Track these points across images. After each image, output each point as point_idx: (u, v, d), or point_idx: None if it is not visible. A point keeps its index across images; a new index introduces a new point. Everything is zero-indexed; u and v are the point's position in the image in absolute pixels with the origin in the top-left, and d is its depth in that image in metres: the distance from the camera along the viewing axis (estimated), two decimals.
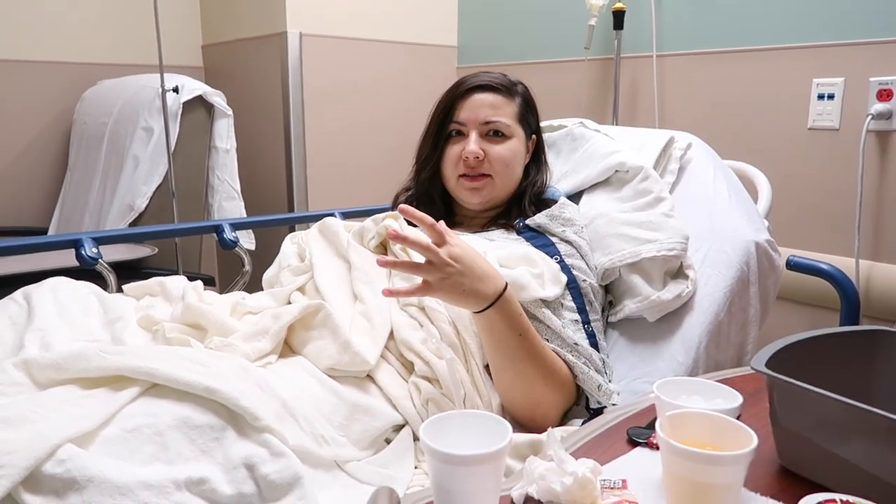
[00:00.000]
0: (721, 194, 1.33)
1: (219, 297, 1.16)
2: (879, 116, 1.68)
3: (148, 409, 0.77)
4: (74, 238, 1.39)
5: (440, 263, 0.90)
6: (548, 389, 1.01)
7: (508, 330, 0.97)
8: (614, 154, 1.34)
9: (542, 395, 1.01)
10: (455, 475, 0.62)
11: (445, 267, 0.90)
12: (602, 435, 0.84)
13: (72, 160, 2.51)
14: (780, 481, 0.72)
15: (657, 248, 1.17)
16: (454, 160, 1.25)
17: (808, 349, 0.79)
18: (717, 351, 1.18)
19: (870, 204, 1.74)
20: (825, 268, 1.47)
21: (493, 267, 0.98)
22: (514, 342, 0.98)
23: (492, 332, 0.97)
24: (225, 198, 2.31)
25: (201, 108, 2.25)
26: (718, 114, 2.01)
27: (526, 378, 0.99)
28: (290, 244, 1.27)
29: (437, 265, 0.90)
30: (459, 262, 0.91)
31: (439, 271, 0.90)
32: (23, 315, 1.04)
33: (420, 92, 2.64)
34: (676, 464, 0.62)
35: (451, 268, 0.90)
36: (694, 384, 0.78)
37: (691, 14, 2.04)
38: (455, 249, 0.92)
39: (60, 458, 0.68)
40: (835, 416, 0.67)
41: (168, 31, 2.10)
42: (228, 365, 0.85)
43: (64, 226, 2.45)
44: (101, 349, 0.84)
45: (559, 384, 1.03)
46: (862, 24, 1.71)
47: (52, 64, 2.49)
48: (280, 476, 0.74)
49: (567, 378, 1.05)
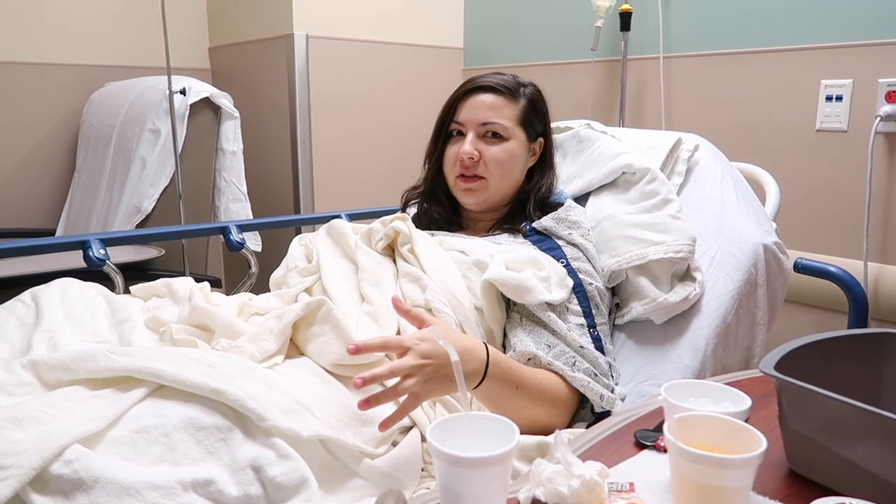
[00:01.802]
0: (729, 196, 1.33)
1: (226, 298, 1.16)
2: (888, 118, 1.67)
3: (155, 409, 0.77)
4: (82, 239, 1.39)
5: (414, 370, 0.85)
6: (552, 414, 1.01)
7: (506, 388, 0.96)
8: (621, 156, 1.34)
9: (547, 420, 1.01)
10: (462, 477, 0.61)
11: (421, 370, 0.85)
12: (609, 437, 0.83)
13: (79, 162, 2.52)
14: (789, 485, 0.71)
15: (664, 251, 1.16)
16: (452, 160, 1.26)
17: (817, 352, 0.79)
18: (725, 353, 1.17)
19: (878, 206, 1.73)
20: (833, 270, 1.46)
21: (467, 338, 0.95)
22: (513, 395, 0.97)
23: (490, 397, 0.96)
24: (231, 199, 2.32)
25: (208, 110, 2.26)
26: (726, 115, 2.00)
27: (527, 414, 0.99)
28: (298, 246, 1.27)
29: (412, 374, 0.85)
30: (432, 356, 0.86)
31: (417, 376, 0.85)
32: (31, 316, 1.04)
33: (426, 94, 2.65)
34: (685, 467, 0.62)
35: (428, 367, 0.86)
36: (702, 387, 0.77)
37: (698, 15, 2.04)
38: (422, 346, 0.86)
39: (68, 458, 0.68)
40: (844, 419, 0.66)
41: (175, 33, 2.11)
42: (235, 366, 0.85)
43: (71, 227, 2.46)
44: (109, 350, 0.84)
45: (562, 406, 1.03)
46: (870, 26, 1.70)
47: (59, 66, 2.51)
48: (287, 478, 0.74)
49: (569, 398, 1.04)
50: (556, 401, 1.02)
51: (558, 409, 1.02)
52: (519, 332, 1.08)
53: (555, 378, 1.03)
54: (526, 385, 0.98)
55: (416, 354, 0.86)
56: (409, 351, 0.86)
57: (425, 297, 1.06)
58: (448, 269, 1.11)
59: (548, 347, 1.05)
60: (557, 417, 1.02)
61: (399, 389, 0.85)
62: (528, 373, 1.00)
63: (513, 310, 1.12)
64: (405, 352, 0.86)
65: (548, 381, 1.02)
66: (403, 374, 0.85)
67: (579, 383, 1.02)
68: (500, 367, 0.95)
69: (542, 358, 1.02)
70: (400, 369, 0.84)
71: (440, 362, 0.86)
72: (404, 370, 0.85)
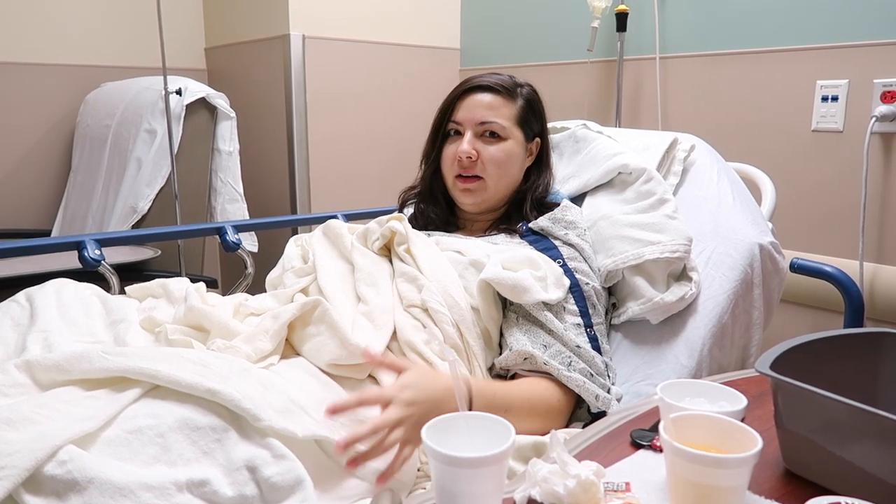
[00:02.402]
0: (725, 196, 1.33)
1: (221, 298, 1.16)
2: (884, 118, 1.67)
3: (150, 410, 0.77)
4: (77, 240, 1.39)
5: (400, 420, 0.84)
6: (546, 423, 1.01)
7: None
8: (617, 156, 1.34)
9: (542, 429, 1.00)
10: (458, 477, 0.61)
11: (407, 419, 0.84)
12: (605, 437, 0.83)
13: (75, 162, 2.51)
14: (785, 484, 0.71)
15: (660, 250, 1.16)
16: (450, 160, 1.26)
17: (813, 351, 0.79)
18: (721, 353, 1.17)
19: (874, 206, 1.73)
20: (829, 270, 1.47)
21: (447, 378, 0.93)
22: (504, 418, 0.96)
23: None
24: (228, 200, 2.31)
25: (204, 111, 2.26)
26: (722, 116, 2.01)
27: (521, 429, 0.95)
28: (294, 246, 1.27)
29: (399, 424, 0.84)
30: (415, 403, 0.85)
31: (405, 426, 0.84)
32: (25, 316, 1.04)
33: (423, 94, 2.65)
34: (680, 466, 0.62)
35: (412, 415, 0.84)
36: (698, 386, 0.77)
37: (694, 16, 2.04)
38: (406, 394, 0.85)
39: (62, 459, 0.68)
40: (840, 419, 0.66)
41: (171, 33, 2.11)
42: (230, 366, 0.85)
43: (67, 228, 2.46)
44: (104, 350, 0.84)
45: (556, 413, 1.03)
46: (866, 26, 1.70)
47: (55, 66, 2.50)
48: (282, 479, 0.74)
49: (563, 404, 1.04)
50: (548, 410, 1.01)
51: (552, 417, 1.02)
52: (515, 331, 1.08)
53: (545, 386, 1.03)
54: (514, 407, 0.97)
55: (400, 404, 0.84)
56: (390, 402, 0.85)
57: (422, 297, 1.06)
58: (445, 269, 1.11)
59: (544, 347, 1.05)
60: (552, 424, 1.01)
61: (386, 444, 0.83)
62: (516, 392, 1.00)
63: (509, 309, 1.12)
64: (387, 403, 0.85)
65: (538, 394, 1.01)
66: (388, 428, 0.83)
67: (575, 383, 1.02)
68: (485, 398, 0.94)
69: (538, 357, 1.02)
70: (384, 424, 0.83)
71: (428, 407, 0.85)
72: (389, 424, 0.83)
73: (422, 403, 0.86)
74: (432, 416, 0.83)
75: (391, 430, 0.84)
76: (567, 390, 1.04)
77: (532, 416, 0.99)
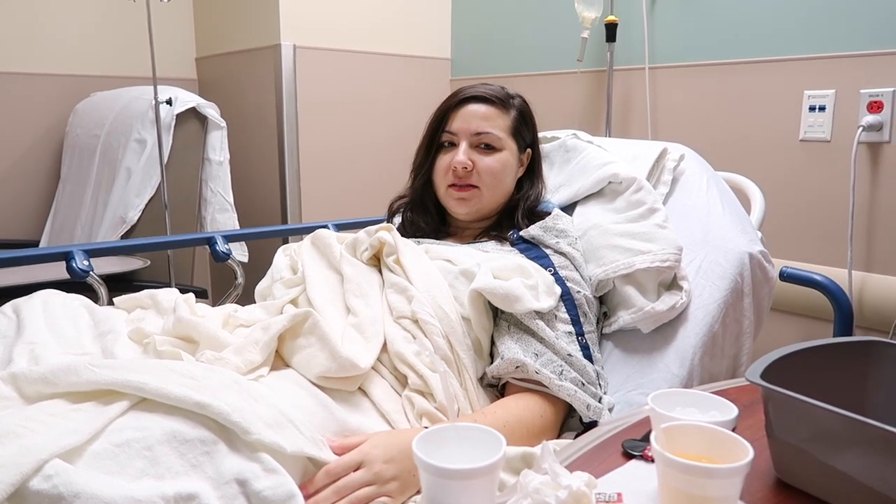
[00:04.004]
0: (714, 205, 1.34)
1: (211, 309, 1.15)
2: (870, 128, 1.69)
3: (137, 423, 0.76)
4: (65, 250, 1.38)
5: (380, 480, 0.84)
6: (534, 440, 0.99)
7: None
8: (607, 165, 1.34)
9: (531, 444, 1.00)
10: (448, 489, 0.61)
11: (389, 481, 0.84)
12: (597, 448, 0.83)
13: (64, 172, 2.50)
14: (777, 494, 0.71)
15: (651, 260, 1.17)
16: (444, 170, 1.26)
17: (803, 360, 0.79)
18: (712, 362, 1.17)
19: (862, 215, 1.74)
20: (818, 279, 1.47)
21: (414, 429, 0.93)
22: None
23: None
24: (218, 210, 2.30)
25: (195, 120, 2.25)
26: (711, 125, 2.02)
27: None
28: (283, 256, 1.26)
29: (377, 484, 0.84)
30: (392, 462, 0.85)
31: (385, 486, 0.84)
32: (12, 328, 1.02)
33: (413, 104, 2.65)
34: (672, 476, 0.61)
35: (389, 471, 0.85)
36: (689, 396, 0.77)
37: (683, 26, 2.06)
38: (375, 453, 0.85)
39: (47, 473, 0.67)
40: (830, 428, 0.66)
41: (162, 43, 2.11)
42: (220, 378, 0.84)
43: (56, 238, 2.44)
44: (91, 363, 0.83)
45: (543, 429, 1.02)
46: (853, 37, 1.72)
47: (44, 76, 2.49)
48: (274, 493, 0.73)
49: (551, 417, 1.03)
50: (532, 428, 1.00)
51: (539, 433, 1.01)
52: (507, 339, 1.08)
53: (532, 403, 1.02)
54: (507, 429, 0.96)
55: (370, 465, 0.84)
56: (363, 464, 0.84)
57: (412, 308, 1.05)
58: (434, 279, 1.11)
59: (535, 355, 1.05)
60: (541, 439, 1.01)
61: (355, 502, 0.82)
62: (501, 418, 0.98)
63: (500, 318, 1.12)
64: (358, 467, 0.84)
65: (525, 415, 1.01)
66: (357, 488, 0.82)
67: (566, 392, 1.02)
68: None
69: (529, 366, 1.02)
70: (349, 486, 0.82)
71: (401, 465, 0.85)
72: (355, 486, 0.82)
73: (398, 461, 0.85)
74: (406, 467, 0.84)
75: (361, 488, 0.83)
76: (556, 403, 1.04)
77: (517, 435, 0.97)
